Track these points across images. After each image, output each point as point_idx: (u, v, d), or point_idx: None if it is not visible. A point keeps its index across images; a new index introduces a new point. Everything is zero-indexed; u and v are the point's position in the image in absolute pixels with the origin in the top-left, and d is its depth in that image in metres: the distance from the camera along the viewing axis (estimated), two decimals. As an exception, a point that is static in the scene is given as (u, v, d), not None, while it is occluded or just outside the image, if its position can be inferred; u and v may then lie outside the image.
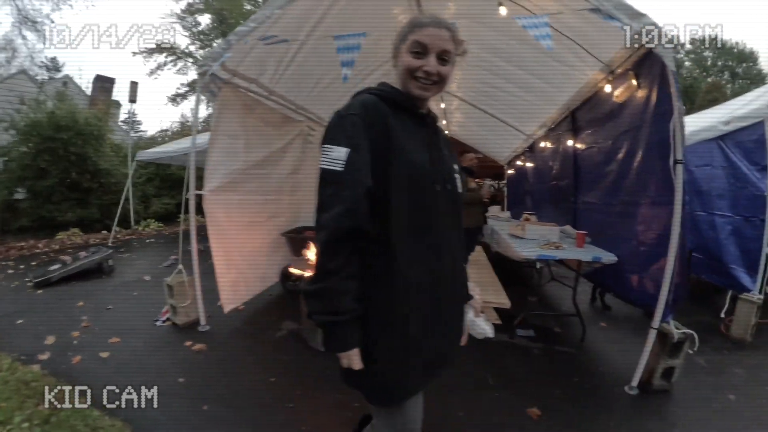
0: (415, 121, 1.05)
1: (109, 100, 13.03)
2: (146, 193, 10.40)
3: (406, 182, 0.95)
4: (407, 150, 0.97)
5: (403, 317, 0.96)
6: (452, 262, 1.05)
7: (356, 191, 0.90)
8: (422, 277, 0.98)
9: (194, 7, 16.80)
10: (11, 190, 7.97)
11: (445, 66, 1.00)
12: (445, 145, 1.14)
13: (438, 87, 1.02)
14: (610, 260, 2.68)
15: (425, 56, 0.98)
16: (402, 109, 1.03)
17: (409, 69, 0.99)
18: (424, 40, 0.97)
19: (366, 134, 0.93)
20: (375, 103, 0.98)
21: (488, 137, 6.94)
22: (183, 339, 3.07)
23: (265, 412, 2.15)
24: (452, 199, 1.06)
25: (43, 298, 4.25)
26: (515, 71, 3.80)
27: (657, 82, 2.27)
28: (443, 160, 1.07)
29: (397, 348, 0.96)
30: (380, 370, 0.95)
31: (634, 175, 2.61)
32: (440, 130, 1.16)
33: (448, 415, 2.13)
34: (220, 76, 3.14)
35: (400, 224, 0.94)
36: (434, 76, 0.98)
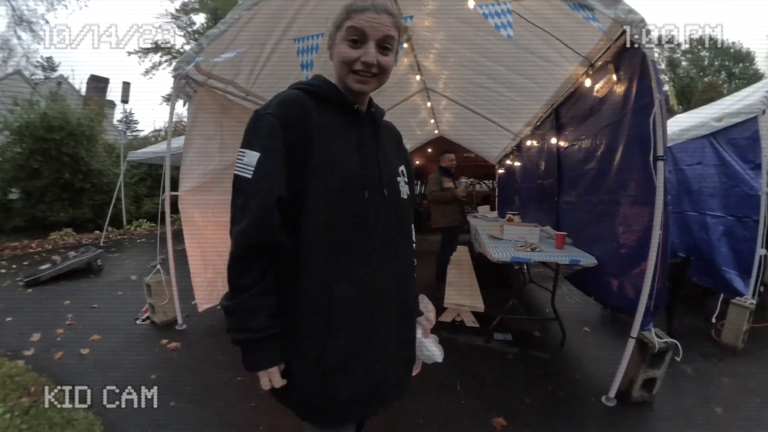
0: (348, 117, 0.93)
1: (104, 99, 13.10)
2: (138, 193, 10.49)
3: (327, 189, 0.85)
4: (331, 152, 0.86)
5: (320, 338, 0.84)
6: (392, 276, 0.92)
7: (265, 201, 0.81)
8: (349, 294, 0.85)
9: (189, 7, 16.89)
10: (5, 190, 8.06)
11: (387, 56, 0.89)
12: (391, 145, 1.04)
13: (378, 80, 0.91)
14: (589, 263, 2.57)
15: (363, 45, 0.86)
16: (332, 104, 0.91)
17: (346, 60, 0.87)
18: (362, 26, 0.85)
19: (282, 136, 0.83)
20: (297, 100, 0.87)
21: (477, 137, 6.84)
22: (160, 337, 3.16)
23: (228, 409, 2.20)
24: (393, 205, 0.95)
25: (32, 297, 4.40)
26: (498, 69, 3.70)
27: (637, 74, 2.14)
28: (382, 162, 0.95)
29: (313, 372, 0.85)
30: (298, 389, 0.87)
31: (615, 172, 2.48)
32: (386, 127, 1.06)
33: (405, 421, 2.04)
34: (195, 79, 3.13)
35: (319, 236, 0.84)
36: (374, 67, 0.87)
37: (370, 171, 0.91)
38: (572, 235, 3.07)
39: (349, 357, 0.86)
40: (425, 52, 4.44)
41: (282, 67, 3.52)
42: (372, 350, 0.88)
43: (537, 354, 2.85)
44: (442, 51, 4.22)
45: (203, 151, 3.35)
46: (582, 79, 2.91)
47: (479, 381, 2.47)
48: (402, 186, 1.00)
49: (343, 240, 0.85)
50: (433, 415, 2.12)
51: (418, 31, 3.95)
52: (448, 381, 2.44)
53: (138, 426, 2.06)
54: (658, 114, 1.94)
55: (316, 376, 0.85)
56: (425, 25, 3.75)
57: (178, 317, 3.37)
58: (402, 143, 1.14)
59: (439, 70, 4.81)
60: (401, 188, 1.00)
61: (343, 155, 0.88)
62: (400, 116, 6.42)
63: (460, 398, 2.27)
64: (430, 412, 2.14)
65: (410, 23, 2.51)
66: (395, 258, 0.94)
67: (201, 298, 3.37)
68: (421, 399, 2.20)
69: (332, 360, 0.84)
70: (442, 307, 3.47)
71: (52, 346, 3.03)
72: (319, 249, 0.84)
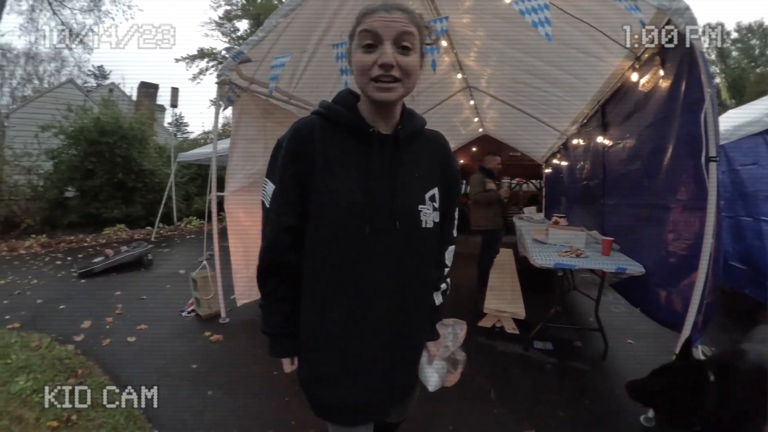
0: (361, 142, 0.89)
1: (154, 104, 14.03)
2: (189, 192, 11.13)
3: (325, 225, 0.88)
4: (331, 186, 0.86)
5: (312, 351, 0.96)
6: (389, 308, 0.92)
7: (276, 229, 0.91)
8: (338, 321, 0.91)
9: (232, 14, 17.84)
10: (61, 189, 8.85)
11: (408, 56, 0.82)
12: (422, 166, 0.95)
13: (403, 85, 0.84)
14: (637, 272, 2.45)
15: (379, 47, 0.80)
16: (345, 128, 0.89)
17: (363, 68, 0.81)
18: (374, 27, 0.80)
19: (292, 168, 0.88)
20: (308, 129, 0.88)
21: (523, 135, 6.68)
22: (203, 329, 3.35)
23: (262, 402, 2.30)
24: (407, 237, 0.91)
25: (84, 287, 4.75)
26: (540, 65, 3.61)
27: (686, 67, 2.02)
28: (399, 191, 0.90)
29: (307, 374, 0.99)
30: (302, 385, 1.00)
31: (663, 174, 2.35)
32: (422, 143, 0.99)
33: (435, 425, 2.07)
34: (239, 84, 3.33)
35: (317, 265, 0.91)
36: (394, 69, 0.80)
37: (378, 204, 0.87)
38: (619, 241, 2.93)
39: (332, 374, 0.94)
40: (466, 50, 4.43)
41: (322, 70, 3.66)
42: (354, 374, 0.93)
43: (576, 365, 2.76)
44: (482, 48, 4.19)
45: (247, 154, 3.53)
46: (628, 73, 2.79)
47: (514, 390, 2.44)
48: (426, 215, 0.93)
49: (338, 274, 0.89)
50: (464, 421, 2.12)
51: (458, 29, 3.96)
52: (484, 388, 2.43)
53: (174, 412, 2.22)
54: (709, 110, 1.82)
55: (310, 378, 0.98)
56: (464, 23, 3.75)
57: (221, 311, 3.58)
58: (446, 156, 1.04)
59: (481, 67, 4.78)
60: (424, 217, 0.93)
61: (344, 189, 0.87)
62: (443, 115, 6.44)
63: (493, 406, 2.25)
64: (461, 418, 2.15)
65: (446, 24, 2.50)
66: (399, 289, 0.93)
67: (240, 294, 3.59)
68: (454, 404, 2.21)
69: (319, 371, 0.95)
70: (482, 312, 3.44)
71: (101, 333, 3.31)
72: (317, 277, 0.92)
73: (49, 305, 4.03)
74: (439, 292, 1.11)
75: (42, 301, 4.14)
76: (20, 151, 8.78)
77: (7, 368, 2.59)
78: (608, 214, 3.41)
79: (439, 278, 1.10)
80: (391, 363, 0.96)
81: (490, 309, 3.41)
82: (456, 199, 1.07)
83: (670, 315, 2.21)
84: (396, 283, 0.92)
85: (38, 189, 8.81)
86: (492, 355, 2.92)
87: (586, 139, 4.19)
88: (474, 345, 3.04)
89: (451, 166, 1.04)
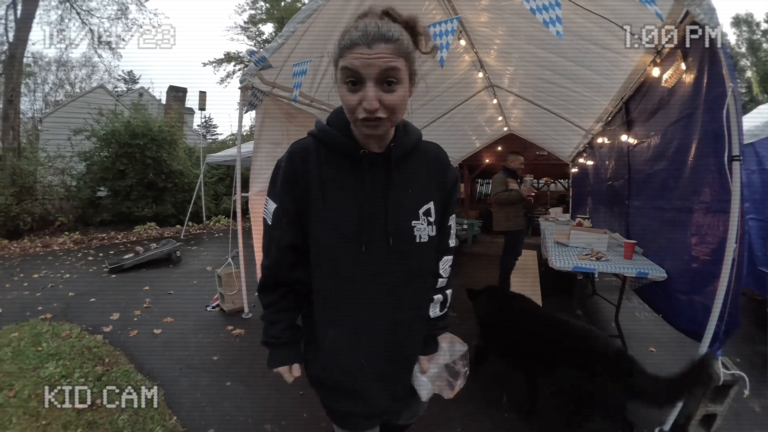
0: (352, 164, 0.91)
1: (182, 107, 14.59)
2: (217, 192, 11.57)
3: (323, 246, 0.92)
4: (327, 210, 0.90)
5: (313, 358, 1.01)
6: (387, 324, 0.96)
7: (279, 247, 0.95)
8: (338, 338, 0.95)
9: (257, 18, 18.30)
10: (94, 189, 9.41)
11: (394, 91, 0.79)
12: (415, 182, 0.96)
13: (390, 120, 0.82)
14: (659, 277, 2.38)
15: (362, 86, 0.78)
16: (338, 151, 0.91)
17: (348, 107, 0.81)
18: (354, 66, 0.76)
19: (291, 191, 0.92)
20: (302, 153, 0.91)
21: (548, 134, 6.54)
22: (226, 324, 3.51)
23: (277, 395, 2.40)
24: (401, 253, 0.93)
25: (114, 282, 5.04)
26: (561, 62, 3.56)
27: (707, 61, 1.95)
28: (391, 210, 0.91)
29: (310, 377, 1.05)
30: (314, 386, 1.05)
31: (687, 174, 2.27)
32: (415, 159, 0.98)
33: (443, 427, 2.09)
34: (261, 89, 3.45)
35: (318, 283, 0.95)
36: (378, 111, 0.78)
37: (372, 223, 0.90)
38: (643, 244, 2.85)
39: (334, 385, 0.99)
40: (486, 49, 4.41)
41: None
42: (355, 387, 0.98)
43: (595, 372, 2.70)
44: (502, 46, 4.17)
45: (271, 156, 3.66)
46: (650, 69, 2.70)
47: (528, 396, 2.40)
48: (420, 230, 0.95)
49: (336, 291, 0.93)
50: (473, 425, 2.13)
51: (476, 28, 3.94)
52: (496, 393, 2.42)
53: (194, 400, 2.37)
54: (731, 106, 1.74)
55: (313, 381, 1.04)
56: (482, 21, 3.74)
57: (245, 306, 3.75)
58: (442, 170, 1.02)
59: (503, 66, 4.74)
60: (418, 232, 0.95)
61: (339, 210, 0.90)
62: (467, 114, 6.42)
63: (503, 412, 2.24)
64: (470, 422, 2.16)
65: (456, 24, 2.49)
66: (396, 305, 0.96)
67: None
68: (464, 408, 2.23)
69: (320, 376, 1.01)
70: None
71: (129, 324, 3.52)
72: (316, 294, 0.97)
73: (80, 298, 4.30)
74: (435, 303, 1.09)
75: (73, 294, 4.41)
76: (54, 153, 9.38)
77: (38, 355, 2.80)
78: (633, 215, 3.31)
79: (433, 289, 1.09)
80: (390, 376, 1.01)
81: (509, 312, 3.38)
82: (451, 210, 1.06)
83: (692, 323, 2.13)
84: (393, 298, 0.95)
85: (71, 189, 9.39)
86: (508, 357, 2.89)
87: (610, 138, 4.08)
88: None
89: (447, 178, 1.02)
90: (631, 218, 3.33)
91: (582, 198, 6.38)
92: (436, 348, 1.13)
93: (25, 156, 9.40)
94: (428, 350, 1.11)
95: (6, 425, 2.04)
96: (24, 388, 2.37)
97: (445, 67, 4.82)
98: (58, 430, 2.03)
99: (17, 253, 6.87)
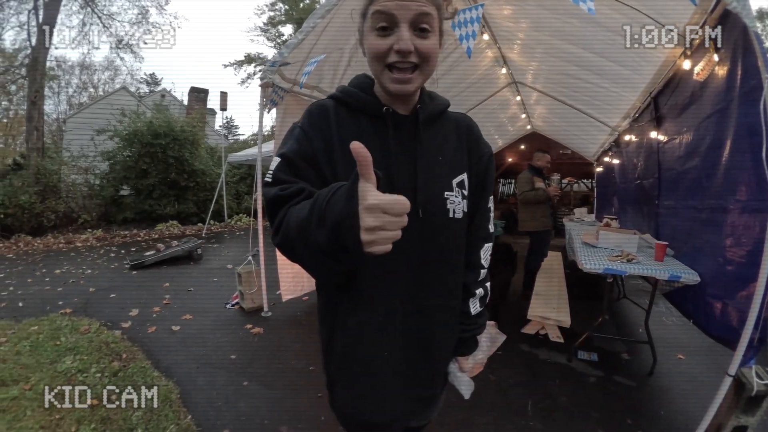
0: (377, 124, 0.83)
1: (204, 108, 14.88)
2: (239, 191, 11.84)
3: None
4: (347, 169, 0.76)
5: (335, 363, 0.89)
6: (409, 311, 0.84)
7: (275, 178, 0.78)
8: (354, 327, 0.84)
9: (276, 19, 18.59)
10: (116, 187, 9.73)
11: (427, 39, 0.75)
12: (445, 149, 0.87)
13: (421, 72, 0.77)
14: (691, 280, 2.28)
15: (394, 30, 0.73)
16: (361, 111, 0.84)
17: (377, 54, 0.75)
18: (388, 8, 0.72)
19: (306, 142, 0.80)
20: (322, 112, 0.83)
21: (573, 132, 6.38)
22: (245, 322, 3.54)
23: (295, 395, 2.41)
24: (432, 229, 0.83)
25: (135, 278, 5.15)
26: (587, 55, 3.46)
27: (740, 51, 1.86)
28: (421, 175, 0.82)
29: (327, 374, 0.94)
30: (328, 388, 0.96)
31: (721, 172, 2.17)
32: (445, 124, 0.90)
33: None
34: (282, 86, 3.49)
35: None
36: (412, 55, 0.74)
37: (398, 189, 0.79)
38: (674, 246, 2.75)
39: (346, 385, 0.89)
40: (509, 44, 4.34)
41: (364, 69, 3.75)
42: (369, 387, 0.87)
43: (621, 380, 2.62)
44: (526, 41, 4.08)
45: None
46: (680, 61, 2.60)
47: (553, 403, 2.37)
48: (454, 203, 0.85)
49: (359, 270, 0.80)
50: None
51: (499, 21, 3.88)
52: (521, 399, 2.38)
53: (209, 399, 2.37)
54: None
55: (329, 380, 0.93)
56: (505, 14, 3.68)
57: (264, 305, 3.79)
58: (474, 140, 0.94)
59: (526, 61, 4.65)
60: (451, 206, 0.85)
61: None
62: (490, 112, 6.34)
63: (529, 420, 2.20)
64: (493, 429, 2.12)
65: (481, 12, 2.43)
66: (422, 289, 0.84)
67: (285, 289, 3.79)
68: (488, 414, 2.20)
69: (334, 378, 0.91)
70: (526, 319, 3.39)
71: (148, 321, 3.58)
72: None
73: (100, 294, 4.41)
74: (475, 299, 0.97)
75: (94, 290, 4.53)
76: (77, 153, 9.76)
77: (56, 349, 2.87)
78: (663, 215, 3.19)
79: (474, 282, 0.96)
80: (409, 374, 0.88)
81: (534, 315, 3.33)
82: (489, 188, 0.96)
83: (725, 330, 2.04)
84: (418, 282, 0.84)
85: (95, 187, 9.74)
86: (533, 364, 2.85)
87: (638, 135, 3.94)
88: (515, 353, 3.00)
89: (480, 149, 0.93)
90: (662, 218, 3.21)
91: (607, 198, 6.21)
92: (476, 347, 1.01)
93: (49, 156, 9.79)
94: (467, 350, 0.99)
95: (20, 418, 2.08)
96: (40, 381, 2.42)
97: (467, 63, 4.80)
98: (71, 424, 2.06)
99: (40, 249, 7.12)
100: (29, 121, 9.59)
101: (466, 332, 0.96)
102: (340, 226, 0.56)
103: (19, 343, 2.95)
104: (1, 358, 2.70)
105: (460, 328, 0.96)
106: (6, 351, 2.83)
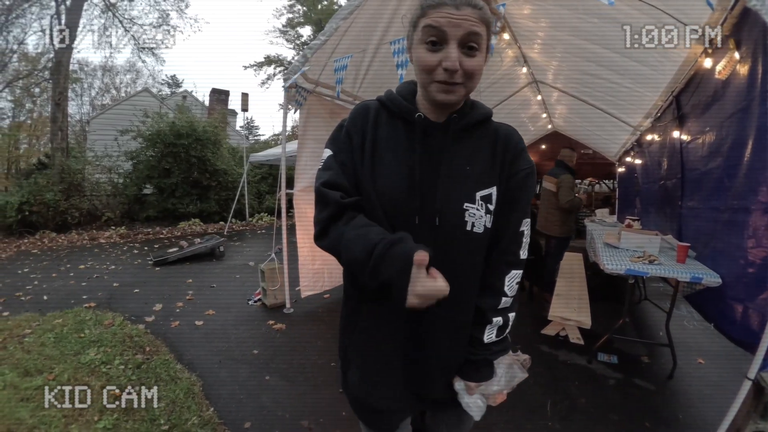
0: (409, 129, 0.87)
1: (225, 109, 15.24)
2: (260, 190, 12.05)
3: (374, 209, 0.84)
4: (375, 170, 0.86)
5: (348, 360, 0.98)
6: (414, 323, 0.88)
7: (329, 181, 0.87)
8: (369, 309, 0.91)
9: (295, 21, 18.82)
10: (140, 186, 10.04)
11: (474, 58, 0.78)
12: (475, 160, 0.87)
13: (466, 87, 0.81)
14: (713, 282, 2.26)
15: (443, 46, 0.76)
16: (397, 116, 0.89)
17: (425, 68, 0.79)
18: (440, 24, 0.75)
19: (349, 143, 0.88)
20: (362, 111, 0.90)
21: (594, 131, 6.29)
22: (267, 318, 3.62)
23: (316, 391, 2.46)
24: (447, 240, 0.83)
25: (159, 274, 5.27)
26: (608, 54, 3.42)
27: (761, 49, 1.84)
28: (442, 183, 0.84)
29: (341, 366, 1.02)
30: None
31: (744, 172, 2.14)
32: (480, 135, 0.90)
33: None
34: (305, 87, 3.58)
35: None
36: (457, 74, 0.77)
37: (416, 195, 0.83)
38: (696, 247, 2.72)
39: (357, 374, 0.96)
40: (529, 43, 4.34)
41: (384, 69, 3.81)
42: (373, 382, 0.94)
43: (641, 383, 2.62)
44: (546, 40, 4.08)
45: (315, 154, 3.77)
46: (701, 59, 2.57)
47: (572, 404, 2.38)
48: (474, 216, 0.84)
49: None
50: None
51: (519, 21, 3.89)
52: (540, 400, 2.40)
53: (231, 393, 2.43)
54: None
55: (343, 363, 1.01)
56: (525, 14, 3.69)
57: (286, 301, 3.88)
58: (514, 154, 0.90)
59: (547, 60, 4.64)
60: (470, 218, 0.84)
61: (386, 179, 0.85)
62: (510, 111, 6.34)
63: (548, 420, 2.22)
64: (512, 428, 2.14)
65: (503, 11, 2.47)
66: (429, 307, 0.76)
67: (305, 286, 3.88)
68: (507, 414, 2.21)
69: (347, 372, 0.99)
70: (546, 320, 3.40)
71: (171, 315, 3.67)
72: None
73: (124, 289, 4.54)
74: (492, 327, 0.92)
75: (118, 285, 4.66)
76: (101, 153, 10.11)
77: (80, 341, 2.95)
78: (686, 216, 3.14)
79: (492, 309, 0.91)
80: (408, 371, 0.92)
81: (554, 316, 3.34)
82: (521, 208, 0.91)
83: (745, 333, 2.02)
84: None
85: (118, 186, 10.06)
86: (553, 365, 2.87)
87: (661, 134, 3.88)
88: (535, 353, 3.00)
89: (518, 165, 0.90)
90: (684, 220, 3.17)
91: (629, 199, 6.10)
92: (490, 374, 0.94)
93: (73, 155, 10.15)
94: (479, 376, 0.93)
95: (43, 407, 2.14)
96: (64, 372, 2.48)
97: (488, 63, 4.75)
98: (93, 415, 2.10)
99: (65, 245, 7.37)
100: (53, 122, 9.94)
101: (475, 356, 0.93)
102: (390, 288, 0.72)
103: (43, 335, 3.02)
104: (26, 349, 2.78)
105: (468, 350, 0.93)
106: (30, 342, 2.90)
